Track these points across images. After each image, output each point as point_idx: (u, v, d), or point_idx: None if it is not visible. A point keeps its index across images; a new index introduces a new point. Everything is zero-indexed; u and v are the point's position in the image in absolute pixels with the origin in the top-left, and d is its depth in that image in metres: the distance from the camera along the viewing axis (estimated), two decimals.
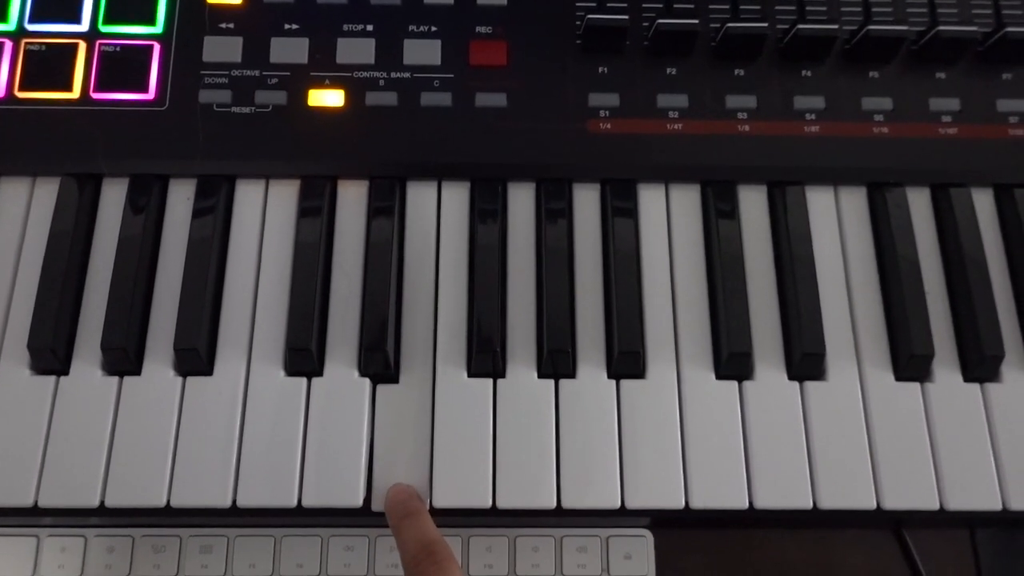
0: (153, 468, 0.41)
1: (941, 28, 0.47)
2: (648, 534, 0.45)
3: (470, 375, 0.43)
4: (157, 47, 0.47)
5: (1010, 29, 0.47)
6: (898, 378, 0.44)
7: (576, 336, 0.44)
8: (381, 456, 0.42)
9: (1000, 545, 0.45)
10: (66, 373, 0.43)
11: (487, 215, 0.46)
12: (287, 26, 0.48)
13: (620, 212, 0.46)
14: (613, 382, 0.43)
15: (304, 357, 0.43)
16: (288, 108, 0.46)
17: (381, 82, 0.47)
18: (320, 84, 0.47)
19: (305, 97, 0.46)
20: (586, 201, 0.47)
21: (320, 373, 0.43)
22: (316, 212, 0.46)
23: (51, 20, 0.47)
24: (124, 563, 0.44)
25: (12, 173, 0.46)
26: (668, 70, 0.48)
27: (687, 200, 0.47)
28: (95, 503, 0.41)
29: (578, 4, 0.49)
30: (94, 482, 0.41)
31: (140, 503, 0.41)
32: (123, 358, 0.42)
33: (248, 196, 0.46)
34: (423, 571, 0.36)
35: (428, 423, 0.42)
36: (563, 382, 0.43)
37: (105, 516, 0.42)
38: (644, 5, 0.49)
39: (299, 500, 0.41)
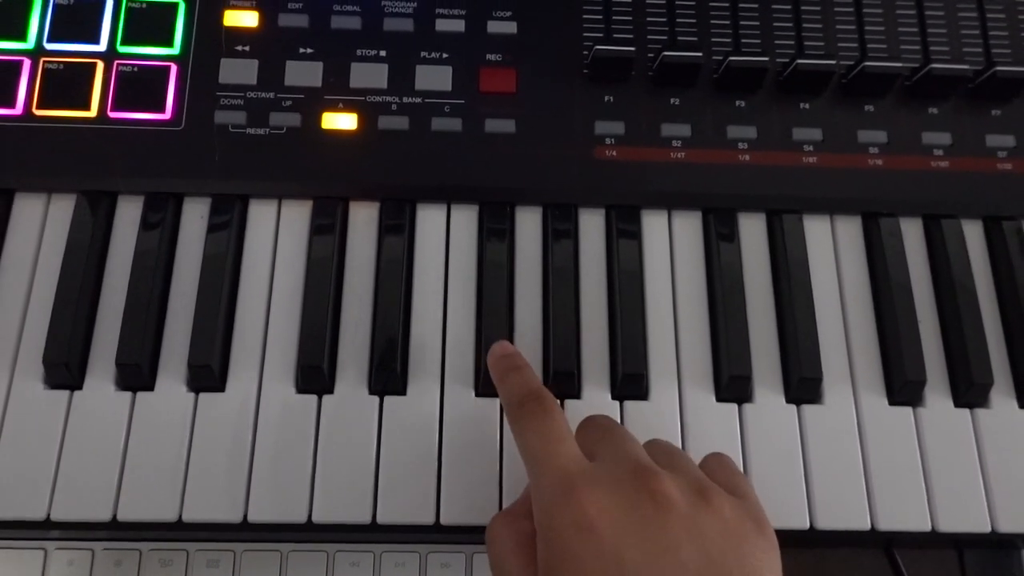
0: (165, 483, 0.41)
1: (934, 65, 0.48)
2: None
3: (478, 394, 0.44)
4: (174, 68, 0.48)
5: (1000, 67, 0.48)
6: (891, 403, 0.45)
7: (581, 358, 0.45)
8: (387, 469, 0.42)
9: (987, 566, 0.47)
10: (80, 388, 0.43)
11: (495, 237, 0.47)
12: (302, 50, 0.49)
13: (625, 235, 0.48)
14: (617, 403, 0.44)
15: (315, 375, 0.43)
16: (302, 130, 0.47)
17: (393, 106, 0.48)
18: (334, 107, 0.48)
19: (319, 120, 0.47)
20: (591, 226, 0.48)
21: (331, 391, 0.44)
22: (328, 232, 0.47)
23: (70, 40, 0.48)
24: None
25: (28, 189, 0.47)
26: (672, 100, 0.49)
27: (689, 226, 0.49)
28: (107, 517, 0.41)
29: (586, 35, 0.50)
30: (106, 496, 0.41)
31: (152, 517, 0.41)
32: (137, 374, 0.43)
33: (261, 216, 0.47)
34: (529, 411, 0.36)
35: (436, 441, 0.43)
36: (568, 403, 0.44)
37: (113, 530, 0.42)
38: (649, 37, 0.50)
39: (309, 516, 0.42)
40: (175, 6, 0.49)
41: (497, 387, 0.40)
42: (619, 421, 0.44)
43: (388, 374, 0.43)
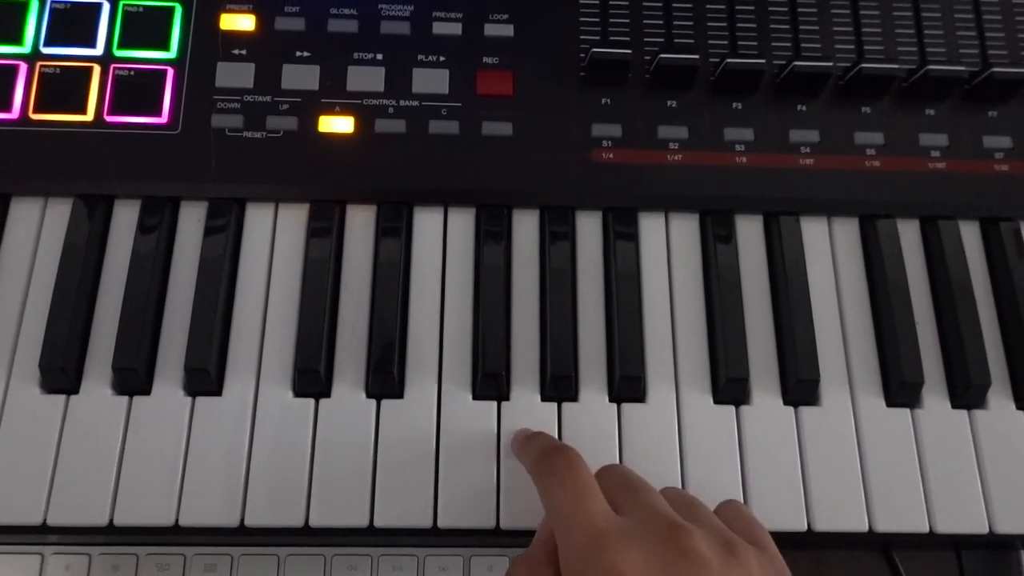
0: (162, 487, 0.41)
1: (930, 67, 0.48)
2: None
3: (475, 398, 0.44)
4: (171, 72, 0.48)
5: (996, 69, 0.49)
6: (889, 404, 0.45)
7: (578, 360, 0.45)
8: (384, 472, 0.42)
9: (985, 566, 0.47)
10: (76, 392, 0.43)
11: (492, 240, 0.47)
12: (299, 53, 0.49)
13: (622, 237, 0.48)
14: (614, 406, 0.44)
15: (312, 378, 0.43)
16: (299, 134, 0.47)
17: (390, 110, 0.48)
18: (330, 111, 0.48)
19: (316, 123, 0.47)
20: (589, 228, 0.48)
21: (328, 394, 0.44)
22: (325, 235, 0.47)
23: (66, 44, 0.48)
24: None
25: (25, 193, 0.47)
26: (669, 102, 0.49)
27: (686, 229, 0.49)
28: (104, 522, 0.41)
29: (582, 37, 0.50)
30: (103, 501, 0.41)
31: (149, 522, 0.41)
32: (133, 378, 0.43)
33: (258, 219, 0.47)
34: (554, 464, 0.35)
35: (433, 444, 0.43)
36: (566, 405, 0.44)
37: (110, 534, 0.42)
38: (646, 39, 0.50)
39: (306, 520, 0.41)
40: (171, 10, 0.49)
41: (520, 458, 0.40)
42: (616, 424, 0.44)
43: (385, 377, 0.43)
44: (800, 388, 0.45)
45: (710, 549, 0.32)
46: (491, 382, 0.44)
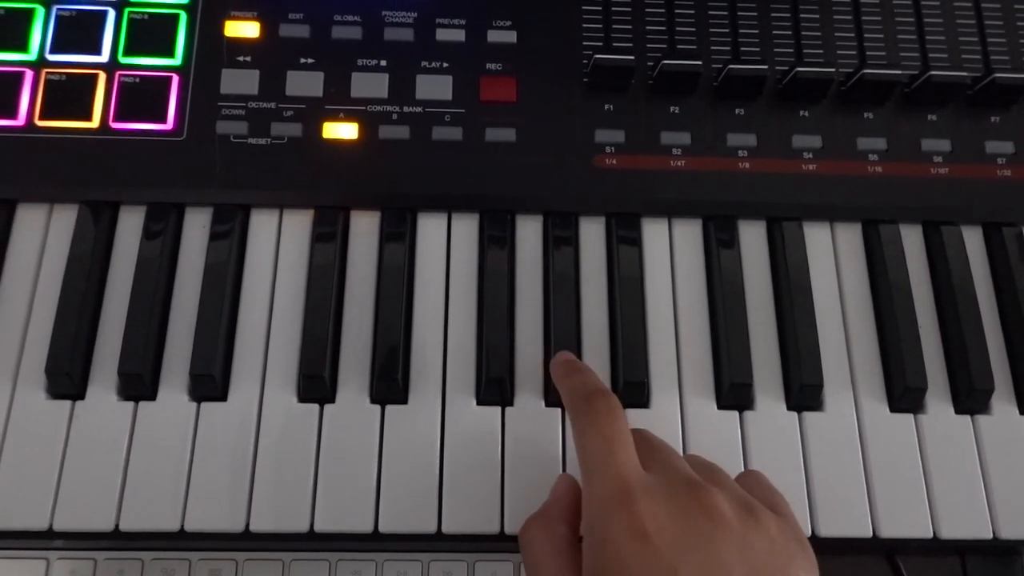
0: (167, 493, 0.42)
1: (933, 72, 0.48)
2: None
3: (479, 403, 0.44)
4: (176, 79, 0.48)
5: (999, 74, 0.49)
6: (892, 409, 0.45)
7: None
8: (388, 478, 0.42)
9: (989, 572, 0.46)
10: (82, 398, 0.43)
11: (496, 245, 0.47)
12: (303, 60, 0.49)
13: (625, 243, 0.48)
14: None
15: (317, 384, 0.43)
16: (303, 140, 0.47)
17: (394, 116, 0.48)
18: (335, 117, 0.48)
19: (320, 129, 0.48)
20: (592, 234, 0.48)
21: (332, 400, 0.44)
22: (329, 241, 0.47)
23: (72, 51, 0.48)
24: None
25: (31, 200, 0.47)
26: (671, 108, 0.49)
27: (689, 234, 0.49)
28: (109, 527, 0.41)
29: (585, 44, 0.50)
30: (109, 506, 0.41)
31: (154, 527, 0.41)
32: (139, 383, 0.43)
33: (263, 225, 0.48)
34: (596, 408, 0.35)
35: (437, 450, 0.43)
36: None
37: (115, 540, 0.42)
38: (649, 46, 0.50)
39: (311, 525, 0.42)
40: (176, 17, 0.49)
41: (559, 386, 0.40)
42: None
43: (389, 383, 0.44)
44: (804, 393, 0.45)
45: (731, 509, 0.32)
46: (495, 387, 0.44)
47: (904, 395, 0.45)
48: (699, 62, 0.48)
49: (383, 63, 0.49)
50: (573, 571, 0.33)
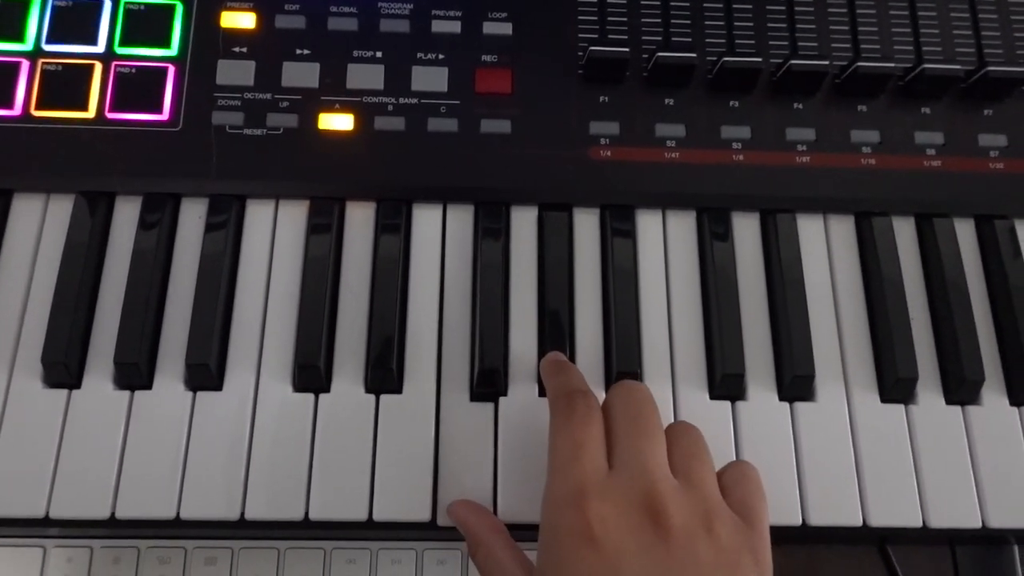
0: (163, 481, 0.42)
1: (926, 66, 0.49)
2: None
3: (473, 393, 0.44)
4: (172, 69, 0.48)
5: (992, 67, 0.49)
6: (884, 400, 0.46)
7: (576, 357, 0.45)
8: (383, 466, 0.43)
9: (979, 561, 0.47)
10: (78, 387, 0.44)
11: (491, 237, 0.47)
12: (299, 51, 0.49)
13: (619, 234, 0.48)
14: None
15: (312, 374, 0.44)
16: (299, 131, 0.47)
17: (389, 107, 0.48)
18: (330, 108, 0.48)
19: (315, 120, 0.48)
20: (586, 226, 0.49)
21: (327, 389, 0.44)
22: (325, 232, 0.47)
23: (68, 41, 0.48)
24: (129, 574, 0.44)
25: (27, 190, 0.47)
26: (666, 101, 0.50)
27: (683, 226, 0.49)
28: (106, 515, 0.41)
29: (581, 36, 0.50)
30: (105, 494, 0.41)
31: (150, 515, 0.41)
32: (135, 373, 0.43)
33: (259, 216, 0.48)
34: (572, 408, 0.36)
35: (432, 439, 0.43)
36: None
37: (112, 527, 0.43)
38: (644, 38, 0.50)
39: (306, 513, 0.42)
40: (173, 8, 0.49)
41: (546, 383, 0.41)
42: None
43: (384, 372, 0.44)
44: (795, 384, 0.45)
45: (682, 519, 0.33)
46: (489, 378, 0.44)
47: (895, 386, 0.45)
48: (694, 55, 0.48)
49: (379, 55, 0.49)
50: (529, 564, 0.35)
